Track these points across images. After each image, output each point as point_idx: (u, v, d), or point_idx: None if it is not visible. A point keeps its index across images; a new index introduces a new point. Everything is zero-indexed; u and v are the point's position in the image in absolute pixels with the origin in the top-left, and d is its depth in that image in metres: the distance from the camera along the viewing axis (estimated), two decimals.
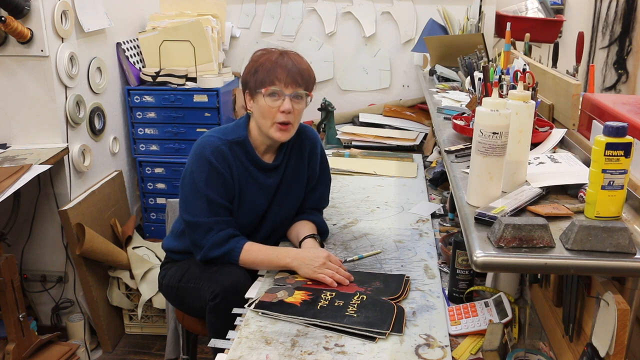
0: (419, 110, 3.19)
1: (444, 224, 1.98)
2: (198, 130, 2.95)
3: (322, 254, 1.60)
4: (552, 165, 1.35)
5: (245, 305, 1.47)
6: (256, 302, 1.47)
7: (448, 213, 2.03)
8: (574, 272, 1.05)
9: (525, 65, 1.70)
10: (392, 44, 3.25)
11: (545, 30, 2.74)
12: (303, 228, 1.80)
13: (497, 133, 1.13)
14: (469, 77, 1.96)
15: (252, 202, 1.74)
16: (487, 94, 1.59)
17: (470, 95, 1.88)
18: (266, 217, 1.79)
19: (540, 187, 1.21)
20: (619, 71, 3.67)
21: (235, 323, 1.41)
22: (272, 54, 1.67)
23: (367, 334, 1.32)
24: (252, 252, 1.65)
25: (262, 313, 1.42)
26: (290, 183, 1.81)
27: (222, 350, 1.31)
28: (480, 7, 2.78)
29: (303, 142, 1.83)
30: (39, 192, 2.55)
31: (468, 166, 1.34)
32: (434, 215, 2.05)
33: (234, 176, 1.69)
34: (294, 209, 1.85)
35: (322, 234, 1.84)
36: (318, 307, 1.42)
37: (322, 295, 1.47)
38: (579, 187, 1.20)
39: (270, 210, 1.79)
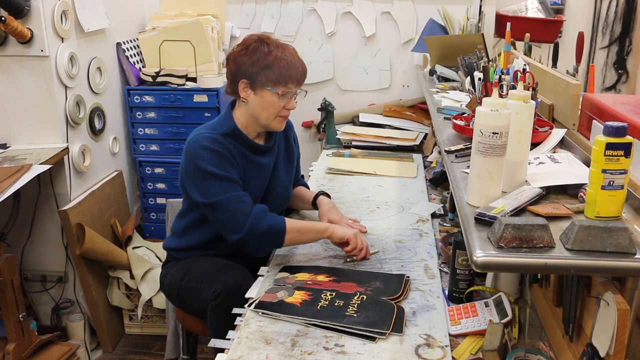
0: (419, 110, 3.19)
1: (444, 224, 1.98)
2: None
3: (352, 230, 1.73)
4: (552, 165, 1.35)
5: (246, 305, 1.47)
6: (256, 302, 1.47)
7: (448, 213, 2.03)
8: (574, 272, 1.05)
9: (525, 65, 1.70)
10: (392, 44, 3.24)
11: (545, 30, 2.74)
12: (306, 191, 2.03)
13: (497, 133, 1.13)
14: (469, 77, 1.95)
15: (253, 185, 1.78)
16: (487, 94, 1.59)
17: (470, 95, 1.88)
18: (267, 197, 1.84)
19: (540, 187, 1.21)
20: (619, 71, 3.66)
21: (235, 323, 1.41)
22: (276, 50, 1.70)
23: (367, 334, 1.32)
24: (292, 221, 1.71)
25: (262, 313, 1.42)
26: (283, 165, 1.89)
27: (222, 350, 1.31)
28: (480, 7, 2.78)
29: (287, 129, 1.93)
30: (39, 192, 2.55)
31: (468, 166, 1.34)
32: (434, 215, 2.05)
33: (238, 162, 1.73)
34: (290, 188, 1.96)
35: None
36: (318, 307, 1.42)
37: (322, 295, 1.47)
38: (579, 187, 1.20)
39: (270, 190, 1.84)
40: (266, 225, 1.63)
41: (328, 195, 2.00)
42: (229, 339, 1.34)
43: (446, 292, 1.54)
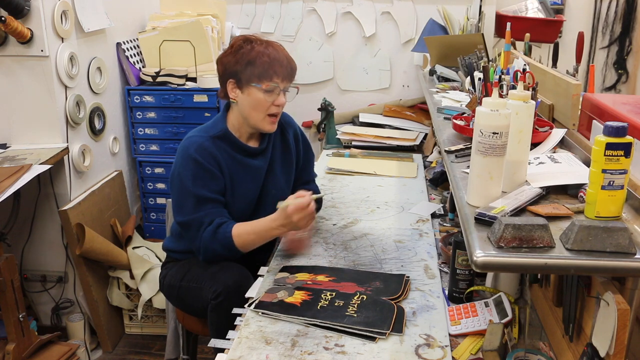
0: (419, 110, 3.19)
1: (444, 224, 1.98)
2: None
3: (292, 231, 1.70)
4: (552, 165, 1.35)
5: (246, 305, 1.47)
6: (256, 302, 1.47)
7: (448, 213, 2.03)
8: (574, 272, 1.05)
9: (525, 65, 1.70)
10: (392, 44, 3.24)
11: (545, 30, 2.74)
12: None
13: (497, 133, 1.13)
14: (469, 77, 1.95)
15: (244, 188, 1.77)
16: (487, 94, 1.59)
17: (470, 95, 1.88)
18: (262, 200, 1.82)
19: (540, 187, 1.21)
20: (619, 71, 3.66)
21: (235, 323, 1.41)
22: (259, 45, 1.69)
23: (367, 334, 1.32)
24: (242, 234, 1.66)
25: (262, 313, 1.42)
26: (279, 166, 1.86)
27: (222, 350, 1.31)
28: (480, 7, 2.78)
29: (284, 127, 1.89)
30: (39, 192, 2.55)
31: (468, 166, 1.34)
32: (434, 215, 2.05)
33: (223, 169, 1.71)
34: (288, 190, 1.90)
35: (317, 201, 1.91)
36: (318, 307, 1.42)
37: (322, 295, 1.47)
38: (579, 187, 1.20)
39: (264, 193, 1.82)
40: (218, 246, 1.64)
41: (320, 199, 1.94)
42: (229, 339, 1.34)
43: (446, 292, 1.54)
